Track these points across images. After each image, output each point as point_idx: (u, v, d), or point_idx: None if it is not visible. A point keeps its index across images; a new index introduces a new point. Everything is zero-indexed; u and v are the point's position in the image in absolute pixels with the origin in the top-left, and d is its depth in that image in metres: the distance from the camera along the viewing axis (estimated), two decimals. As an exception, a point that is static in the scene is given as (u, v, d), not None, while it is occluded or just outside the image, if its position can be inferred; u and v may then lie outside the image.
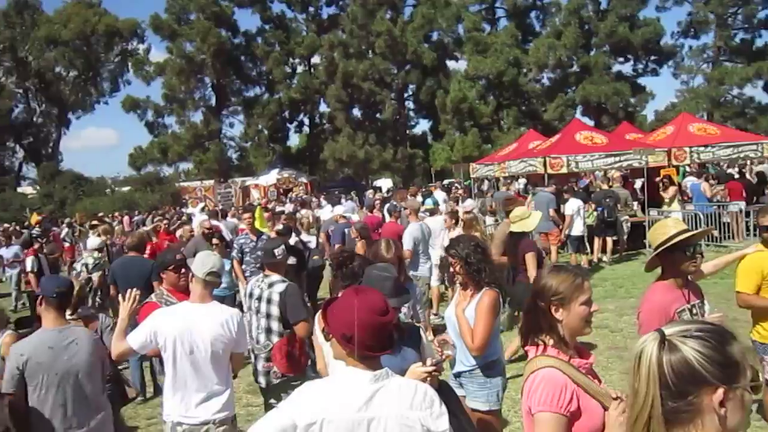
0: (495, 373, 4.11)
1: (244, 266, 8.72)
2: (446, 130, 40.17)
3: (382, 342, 2.29)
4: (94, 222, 14.92)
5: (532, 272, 6.49)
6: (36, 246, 11.41)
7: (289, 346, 4.52)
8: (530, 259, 6.71)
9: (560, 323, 2.49)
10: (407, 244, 8.19)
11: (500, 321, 4.56)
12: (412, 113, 45.34)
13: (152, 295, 4.66)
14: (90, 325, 4.56)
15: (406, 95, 43.82)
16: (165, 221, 14.23)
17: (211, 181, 37.24)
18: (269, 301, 4.69)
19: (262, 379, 4.74)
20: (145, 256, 7.93)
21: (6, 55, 49.77)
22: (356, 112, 42.55)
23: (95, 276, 8.34)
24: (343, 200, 18.56)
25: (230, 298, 8.52)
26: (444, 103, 38.84)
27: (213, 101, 42.80)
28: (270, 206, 19.22)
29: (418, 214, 9.19)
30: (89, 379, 3.76)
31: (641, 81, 43.44)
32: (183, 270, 4.66)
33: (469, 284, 4.14)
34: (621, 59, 42.66)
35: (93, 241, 9.54)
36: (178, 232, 11.34)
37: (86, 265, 8.59)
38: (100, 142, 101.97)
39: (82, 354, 3.74)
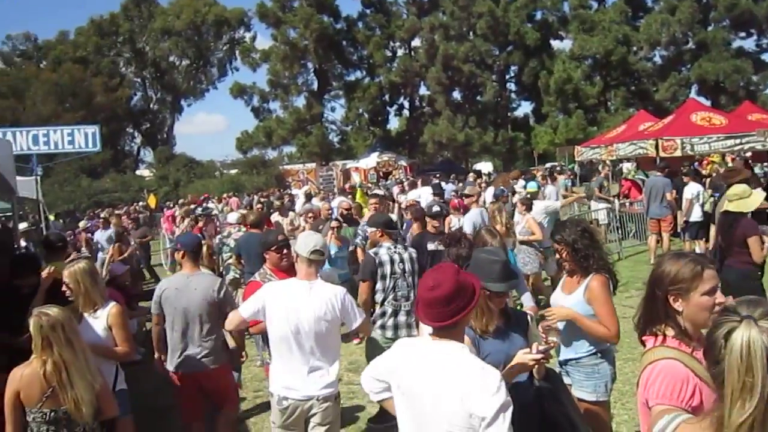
0: (604, 362, 3.93)
1: None
2: (549, 112, 39.04)
3: (430, 315, 2.47)
4: (186, 208, 15.48)
5: (758, 257, 5.93)
6: (200, 224, 11.92)
7: None
8: (754, 243, 5.95)
9: (679, 314, 2.34)
10: (467, 229, 8.16)
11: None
12: (513, 95, 44.41)
13: (256, 274, 4.82)
14: None
15: (507, 77, 42.93)
16: (259, 205, 14.61)
17: (313, 164, 38.09)
18: (412, 260, 5.59)
19: (404, 332, 5.36)
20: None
21: (126, 46, 53.10)
22: (456, 94, 42.15)
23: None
24: (443, 184, 18.34)
25: (348, 285, 8.22)
26: (547, 84, 37.72)
27: (315, 86, 43.66)
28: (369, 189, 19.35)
29: (479, 200, 9.40)
30: (200, 317, 4.66)
31: (765, 57, 40.32)
32: (285, 251, 4.80)
33: (576, 271, 3.97)
34: (742, 34, 39.71)
35: (232, 216, 10.51)
36: (273, 217, 11.35)
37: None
38: (209, 127, 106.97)
39: (198, 297, 4.65)
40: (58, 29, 54.58)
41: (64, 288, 4.22)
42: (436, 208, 7.38)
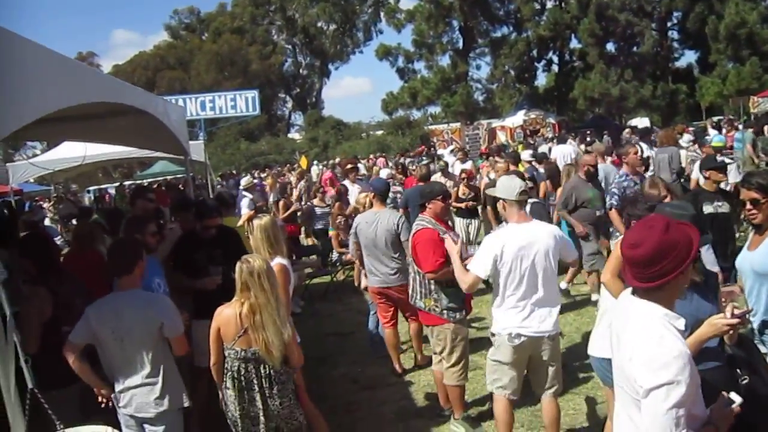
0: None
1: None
2: (718, 60, 35.55)
3: (631, 273, 2.26)
4: (349, 166, 15.89)
5: None
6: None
7: None
8: None
9: None
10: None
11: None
12: (675, 44, 40.91)
13: (424, 222, 4.82)
14: None
15: (669, 24, 39.57)
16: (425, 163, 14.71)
17: (458, 124, 37.73)
18: None
19: None
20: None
21: (277, 14, 55.36)
22: (610, 46, 39.52)
23: None
24: (569, 141, 17.37)
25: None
26: (716, 30, 34.27)
27: (460, 44, 42.94)
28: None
29: (604, 156, 8.96)
30: (386, 244, 5.87)
31: None
32: (448, 200, 5.07)
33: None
34: None
35: (385, 171, 11.94)
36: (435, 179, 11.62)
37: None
38: (355, 90, 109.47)
39: (382, 230, 5.89)
40: (218, 2, 57.99)
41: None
42: (720, 158, 6.32)
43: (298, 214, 11.33)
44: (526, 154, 11.75)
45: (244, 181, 12.70)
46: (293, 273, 4.90)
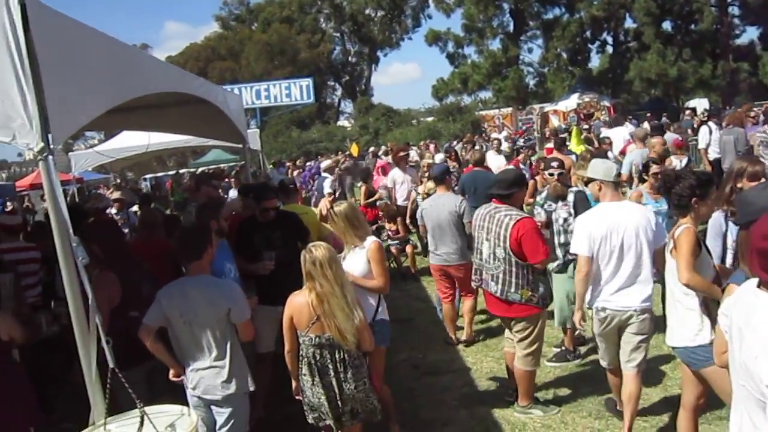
0: None
1: None
2: (783, 36, 34.09)
3: (764, 266, 2.10)
4: (401, 153, 15.80)
5: None
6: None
7: None
8: None
9: None
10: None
11: None
12: (736, 21, 39.28)
13: (515, 212, 4.67)
14: None
15: (729, 0, 38.04)
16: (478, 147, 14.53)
17: (509, 109, 37.20)
18: None
19: None
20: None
21: (325, 2, 55.42)
22: (667, 25, 38.32)
23: None
24: (627, 124, 17.13)
25: None
26: (781, 4, 32.81)
27: (511, 27, 42.26)
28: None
29: (644, 141, 8.83)
30: (449, 225, 6.31)
31: None
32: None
33: None
34: None
35: (439, 156, 12.42)
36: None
37: None
38: (404, 76, 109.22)
39: (445, 212, 6.33)
40: (267, -9, 58.43)
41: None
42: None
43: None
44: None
45: (325, 163, 13.33)
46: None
